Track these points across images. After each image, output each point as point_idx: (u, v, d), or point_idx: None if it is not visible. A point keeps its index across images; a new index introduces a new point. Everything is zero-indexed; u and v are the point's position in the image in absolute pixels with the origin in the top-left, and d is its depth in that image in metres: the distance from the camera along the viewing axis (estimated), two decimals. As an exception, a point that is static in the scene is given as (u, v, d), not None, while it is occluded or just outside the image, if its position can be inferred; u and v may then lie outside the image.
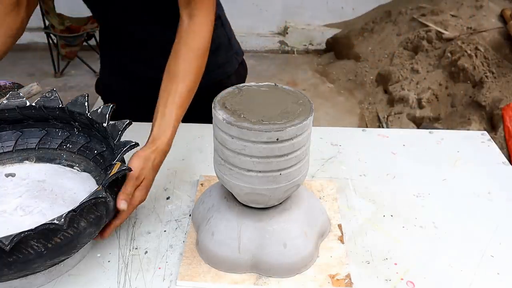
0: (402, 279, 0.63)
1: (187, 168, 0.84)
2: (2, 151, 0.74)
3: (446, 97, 2.55)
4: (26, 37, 3.51)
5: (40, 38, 3.30)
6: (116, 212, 0.63)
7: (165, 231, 0.70)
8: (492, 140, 0.94)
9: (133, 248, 0.67)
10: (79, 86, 3.13)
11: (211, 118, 0.59)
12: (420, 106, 2.52)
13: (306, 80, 3.20)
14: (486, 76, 2.43)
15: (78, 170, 0.74)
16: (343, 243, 0.68)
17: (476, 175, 0.83)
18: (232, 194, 0.65)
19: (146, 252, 0.66)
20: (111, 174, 0.59)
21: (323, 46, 3.57)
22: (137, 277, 0.63)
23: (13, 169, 0.73)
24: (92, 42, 3.17)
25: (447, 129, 2.20)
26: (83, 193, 0.69)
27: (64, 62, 3.21)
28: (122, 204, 0.61)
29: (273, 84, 0.64)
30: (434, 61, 2.70)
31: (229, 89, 0.62)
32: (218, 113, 0.57)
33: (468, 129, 2.20)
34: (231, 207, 0.65)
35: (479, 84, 2.45)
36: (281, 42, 3.63)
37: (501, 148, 1.92)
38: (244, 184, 0.59)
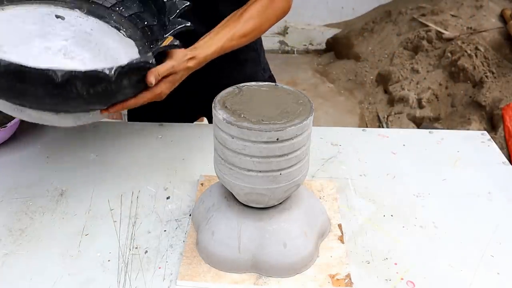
0: (402, 279, 0.63)
1: (187, 168, 0.84)
2: None
3: (446, 97, 2.55)
4: (26, 37, 3.52)
5: (40, 38, 3.29)
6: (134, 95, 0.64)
7: (165, 230, 0.70)
8: (492, 140, 0.94)
9: (133, 247, 0.67)
10: (79, 86, 3.12)
11: None
12: (420, 106, 2.52)
13: (306, 80, 3.20)
14: (486, 76, 2.43)
15: (124, 35, 0.74)
16: (343, 243, 0.68)
17: (476, 175, 0.83)
18: (232, 194, 0.65)
19: (146, 252, 0.66)
20: (162, 45, 0.60)
21: (323, 46, 3.57)
22: (137, 276, 0.63)
23: (64, 12, 0.74)
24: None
25: (447, 129, 2.20)
26: (124, 57, 0.71)
27: (64, 62, 3.21)
28: (151, 78, 0.62)
29: (273, 84, 0.64)
30: (434, 61, 2.70)
31: (229, 89, 0.62)
32: (218, 113, 0.57)
33: (468, 129, 2.21)
34: (231, 206, 0.65)
35: (479, 84, 2.45)
36: (281, 42, 3.63)
37: (501, 148, 1.91)
38: (244, 184, 0.59)
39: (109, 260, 0.65)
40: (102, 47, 0.73)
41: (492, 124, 2.30)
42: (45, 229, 0.70)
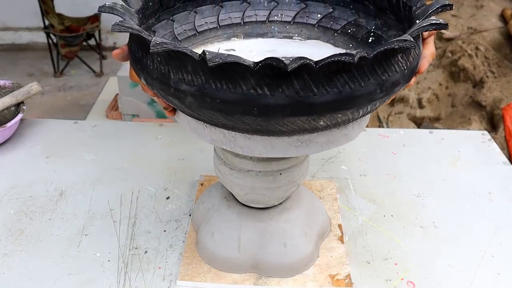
0: (402, 279, 0.63)
1: (187, 168, 0.84)
2: (206, 27, 0.61)
3: (446, 97, 2.55)
4: (26, 37, 3.52)
5: (40, 38, 3.29)
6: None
7: (165, 231, 0.70)
8: (492, 140, 0.94)
9: (133, 247, 0.67)
10: (79, 86, 3.13)
11: None
12: (420, 106, 2.52)
13: (306, 80, 3.20)
14: (487, 76, 2.43)
15: (300, 39, 0.62)
16: (343, 243, 0.68)
17: (476, 175, 0.83)
18: (232, 194, 0.65)
19: (146, 252, 0.66)
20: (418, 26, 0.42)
21: (323, 46, 3.56)
22: (137, 277, 0.63)
23: (228, 45, 0.62)
24: (92, 42, 3.17)
25: (448, 129, 2.20)
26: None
27: (64, 62, 3.21)
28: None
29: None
30: (434, 61, 2.69)
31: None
32: (218, 113, 0.57)
33: (469, 129, 2.20)
34: (231, 207, 0.65)
35: (479, 84, 2.45)
36: (281, 42, 3.62)
37: (501, 148, 1.91)
38: (244, 184, 0.59)
39: (109, 260, 0.65)
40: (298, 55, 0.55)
41: (492, 124, 2.30)
42: (45, 229, 0.70)
